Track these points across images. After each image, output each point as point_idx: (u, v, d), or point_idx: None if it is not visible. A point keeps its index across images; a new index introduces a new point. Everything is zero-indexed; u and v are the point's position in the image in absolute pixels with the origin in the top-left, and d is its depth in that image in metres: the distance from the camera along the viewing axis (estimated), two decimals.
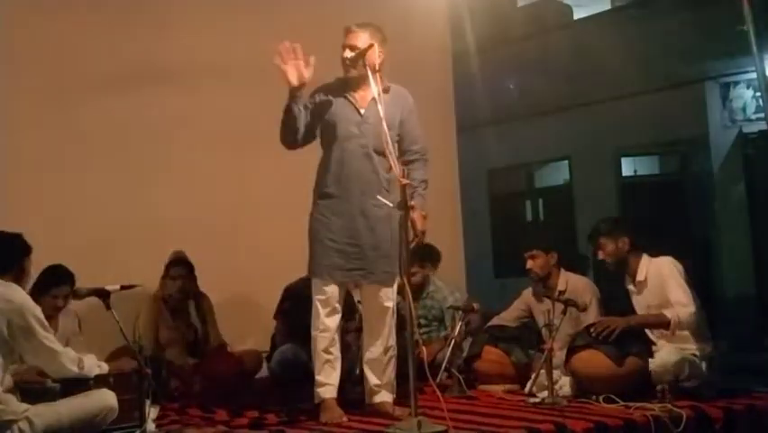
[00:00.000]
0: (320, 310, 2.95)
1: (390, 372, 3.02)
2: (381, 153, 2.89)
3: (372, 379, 3.01)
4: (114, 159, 4.03)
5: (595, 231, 3.38)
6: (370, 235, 2.93)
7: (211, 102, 4.21)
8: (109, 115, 4.04)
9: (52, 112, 3.89)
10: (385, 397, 3.00)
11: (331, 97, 2.97)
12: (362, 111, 2.95)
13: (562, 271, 3.62)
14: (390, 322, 3.01)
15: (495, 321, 3.76)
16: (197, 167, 4.13)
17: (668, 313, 3.14)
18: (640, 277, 3.28)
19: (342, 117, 2.95)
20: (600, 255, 3.35)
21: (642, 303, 3.31)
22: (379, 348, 3.00)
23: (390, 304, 3.00)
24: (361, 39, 2.90)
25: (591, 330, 3.18)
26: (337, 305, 2.97)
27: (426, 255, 4.37)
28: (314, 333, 2.97)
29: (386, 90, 2.95)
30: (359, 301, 4.00)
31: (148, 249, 3.92)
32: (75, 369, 2.59)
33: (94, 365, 2.68)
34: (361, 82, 2.92)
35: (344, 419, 2.91)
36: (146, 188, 4.05)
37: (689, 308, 3.12)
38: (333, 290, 2.95)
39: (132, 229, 3.99)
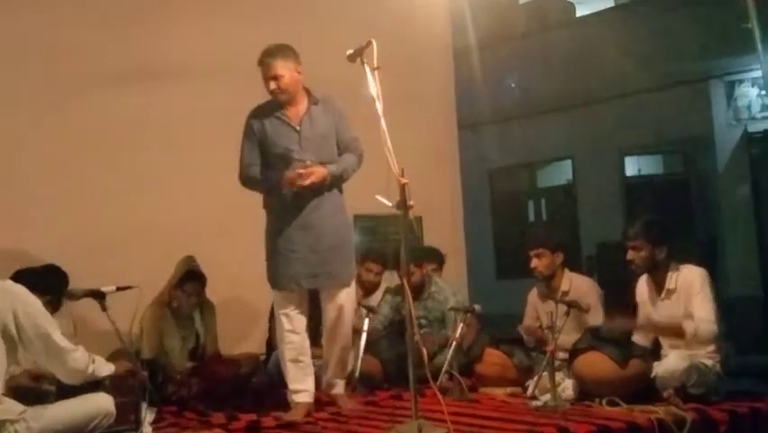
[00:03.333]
0: (284, 322, 3.13)
1: (347, 366, 3.29)
2: (324, 164, 3.09)
3: (329, 374, 3.25)
4: (113, 159, 3.99)
5: (636, 231, 3.19)
6: (328, 242, 3.10)
7: (211, 102, 4.18)
8: (108, 115, 4.01)
9: (51, 112, 3.86)
10: (340, 390, 3.27)
11: (265, 120, 3.13)
12: (298, 128, 3.11)
13: (566, 271, 3.57)
14: (348, 320, 3.21)
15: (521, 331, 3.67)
16: (195, 168, 4.09)
17: (686, 326, 3.07)
18: (670, 285, 3.18)
19: (280, 137, 3.10)
20: (631, 256, 3.21)
21: (665, 311, 3.21)
22: (338, 345, 3.21)
23: (348, 303, 3.19)
24: (278, 67, 3.06)
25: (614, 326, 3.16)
26: (298, 314, 3.16)
27: (429, 257, 4.34)
28: (280, 346, 3.16)
29: (315, 102, 3.14)
30: (362, 305, 3.97)
31: (146, 250, 3.89)
32: (86, 367, 2.53)
33: (103, 365, 2.63)
34: (290, 102, 3.11)
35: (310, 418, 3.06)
36: (144, 190, 4.01)
37: (711, 326, 3.05)
38: (294, 300, 3.13)
39: (128, 230, 3.95)
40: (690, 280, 3.15)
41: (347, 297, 3.18)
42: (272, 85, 3.06)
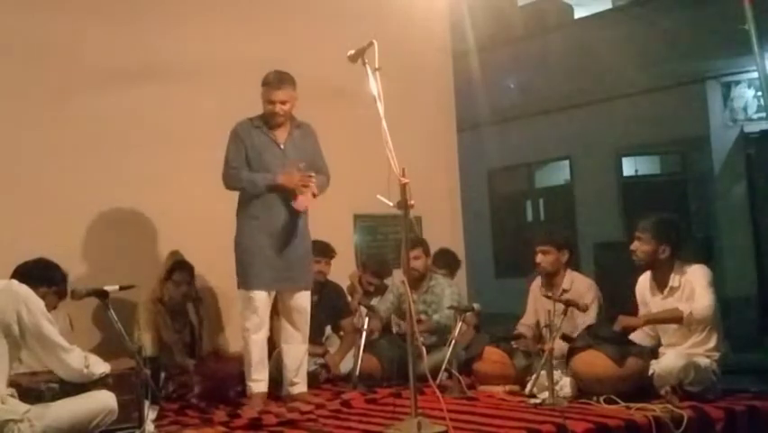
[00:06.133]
0: (252, 319, 3.35)
1: (305, 366, 3.53)
2: None
3: (292, 373, 3.46)
4: (112, 159, 4.00)
5: (646, 226, 3.26)
6: (295, 250, 3.40)
7: (211, 101, 4.19)
8: (108, 113, 4.01)
9: (49, 111, 3.86)
10: (302, 388, 3.49)
11: (254, 134, 3.43)
12: (282, 146, 3.44)
13: (569, 270, 3.63)
14: (307, 322, 3.49)
15: (520, 329, 3.70)
16: (195, 167, 4.09)
17: (683, 307, 3.12)
18: (674, 283, 3.24)
19: (265, 151, 3.41)
20: (635, 246, 3.29)
21: (667, 307, 3.24)
22: (300, 347, 3.48)
23: (307, 306, 3.49)
24: (288, 95, 3.38)
25: (614, 327, 3.18)
26: (267, 311, 3.42)
27: (445, 260, 4.44)
28: (248, 337, 3.35)
29: (297, 126, 3.48)
30: (362, 304, 4.01)
31: (145, 248, 3.90)
32: (81, 367, 2.59)
33: (99, 364, 2.67)
34: (281, 124, 3.43)
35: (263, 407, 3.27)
36: (144, 188, 4.02)
37: (706, 308, 3.09)
38: (263, 300, 3.36)
39: (129, 229, 3.97)
40: (693, 277, 3.20)
41: (306, 300, 3.47)
42: (278, 108, 3.37)
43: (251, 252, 3.34)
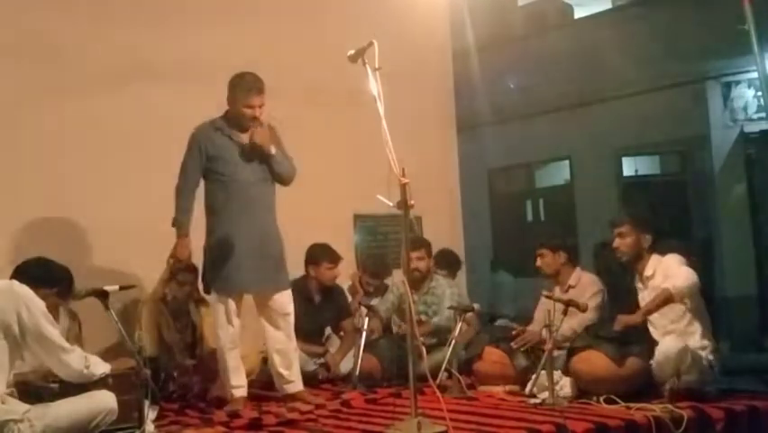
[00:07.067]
0: (224, 323, 3.29)
1: (297, 363, 3.45)
2: (266, 180, 3.37)
3: (285, 373, 3.38)
4: (114, 157, 4.00)
5: (623, 218, 3.36)
6: (269, 251, 3.34)
7: (209, 102, 4.18)
8: (110, 113, 4.02)
9: (52, 109, 3.87)
10: (299, 386, 3.41)
11: (215, 137, 3.35)
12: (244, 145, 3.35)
13: (577, 269, 3.67)
14: (292, 322, 3.41)
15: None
16: None
17: (665, 285, 3.13)
18: (647, 273, 3.28)
19: (228, 152, 3.33)
20: (617, 243, 3.34)
21: (647, 298, 3.28)
22: (288, 346, 3.39)
23: (291, 307, 3.41)
24: (264, 98, 3.33)
25: (615, 327, 3.19)
26: (237, 319, 3.34)
27: (446, 261, 4.45)
28: (223, 345, 3.29)
29: (260, 125, 3.38)
30: (362, 304, 4.02)
31: (144, 248, 3.90)
32: (81, 368, 2.59)
33: (99, 364, 2.67)
34: (245, 126, 3.35)
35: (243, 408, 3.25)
36: (143, 188, 4.02)
37: (684, 278, 3.10)
38: (233, 307, 3.30)
39: (128, 228, 3.96)
40: (666, 263, 3.23)
41: (286, 299, 3.41)
42: (258, 112, 3.31)
43: (227, 254, 3.26)
